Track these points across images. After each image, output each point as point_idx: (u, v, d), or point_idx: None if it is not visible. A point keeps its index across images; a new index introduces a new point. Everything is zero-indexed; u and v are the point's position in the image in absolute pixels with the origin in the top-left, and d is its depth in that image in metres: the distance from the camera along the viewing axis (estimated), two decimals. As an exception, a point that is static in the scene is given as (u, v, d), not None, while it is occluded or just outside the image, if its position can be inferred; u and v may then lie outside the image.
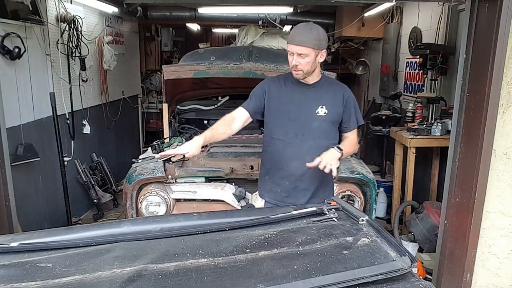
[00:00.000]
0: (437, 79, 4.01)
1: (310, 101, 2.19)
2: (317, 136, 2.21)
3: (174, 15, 6.01)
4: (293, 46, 2.05)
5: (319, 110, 2.18)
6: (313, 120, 2.19)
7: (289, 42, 2.08)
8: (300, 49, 2.03)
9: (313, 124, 2.20)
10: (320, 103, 2.18)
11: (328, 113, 2.19)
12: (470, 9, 2.32)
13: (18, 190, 2.91)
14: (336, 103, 2.21)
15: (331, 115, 2.20)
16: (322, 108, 2.18)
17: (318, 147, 2.18)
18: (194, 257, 1.42)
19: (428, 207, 3.50)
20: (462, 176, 2.45)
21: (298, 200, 2.24)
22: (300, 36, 2.05)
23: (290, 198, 2.26)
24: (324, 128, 2.21)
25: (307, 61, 2.06)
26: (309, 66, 2.09)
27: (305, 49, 2.03)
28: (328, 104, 2.19)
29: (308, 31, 2.06)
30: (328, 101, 2.19)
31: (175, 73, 3.19)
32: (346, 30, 5.56)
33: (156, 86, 7.14)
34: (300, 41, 2.04)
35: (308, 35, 2.05)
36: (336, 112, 2.21)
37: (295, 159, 2.21)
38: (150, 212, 2.77)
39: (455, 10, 3.80)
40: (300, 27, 2.09)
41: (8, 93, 3.10)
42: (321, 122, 2.20)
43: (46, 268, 1.36)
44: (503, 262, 2.52)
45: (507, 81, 2.26)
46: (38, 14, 3.49)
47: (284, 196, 2.28)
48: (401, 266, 1.31)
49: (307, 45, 2.03)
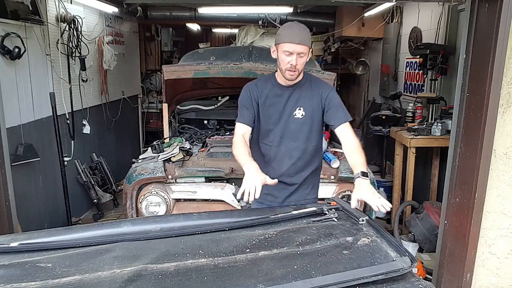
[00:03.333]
0: (437, 79, 4.01)
1: (289, 103, 2.16)
2: (295, 139, 2.19)
3: (174, 15, 6.00)
4: (294, 45, 1.98)
5: (297, 112, 2.15)
6: (291, 123, 2.17)
7: (289, 42, 1.99)
8: (301, 48, 1.99)
9: (291, 126, 2.17)
10: (298, 105, 2.15)
11: (305, 115, 2.15)
12: (470, 9, 2.32)
13: (18, 190, 2.91)
14: (314, 104, 2.16)
15: (307, 117, 2.16)
16: (300, 110, 2.15)
17: (297, 149, 2.20)
18: (194, 257, 1.42)
19: (428, 207, 3.50)
20: (462, 176, 2.45)
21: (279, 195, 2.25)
22: (299, 35, 2.00)
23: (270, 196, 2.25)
24: (302, 131, 2.18)
25: (304, 61, 2.04)
26: (303, 65, 2.08)
27: (305, 48, 2.01)
28: (305, 106, 2.15)
29: (303, 29, 2.05)
30: (306, 103, 2.15)
31: (175, 73, 3.19)
32: (346, 30, 5.56)
33: (156, 86, 7.14)
34: (302, 40, 1.99)
35: (305, 33, 2.04)
36: (313, 114, 2.17)
37: (273, 162, 2.22)
38: (150, 212, 2.77)
39: (455, 10, 3.80)
40: (295, 26, 2.05)
41: (8, 93, 3.10)
42: (298, 125, 2.17)
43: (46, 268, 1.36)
44: (503, 262, 2.52)
45: (507, 81, 2.26)
46: (38, 14, 3.49)
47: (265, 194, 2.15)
48: (401, 266, 1.31)
49: (307, 44, 2.02)
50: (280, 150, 2.20)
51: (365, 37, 5.82)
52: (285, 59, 2.03)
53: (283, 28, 2.10)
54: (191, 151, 3.14)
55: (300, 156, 2.22)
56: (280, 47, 2.03)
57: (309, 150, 2.24)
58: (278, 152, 2.21)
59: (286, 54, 2.02)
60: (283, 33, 2.05)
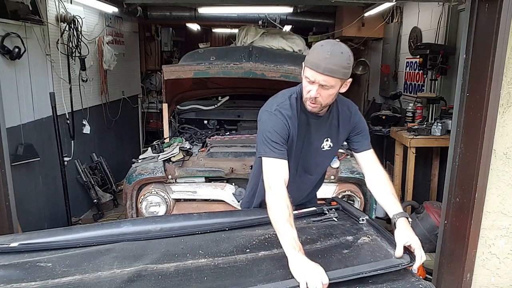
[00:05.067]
0: (437, 79, 4.02)
1: (318, 135, 1.81)
2: (319, 172, 1.95)
3: (174, 15, 6.00)
4: (317, 74, 1.55)
5: (325, 144, 1.83)
6: (318, 156, 1.86)
7: (312, 68, 1.57)
8: (326, 80, 1.56)
9: (318, 159, 1.87)
10: (326, 136, 1.83)
11: (333, 146, 1.86)
12: (470, 9, 2.32)
13: (18, 190, 2.90)
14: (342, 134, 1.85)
15: (335, 148, 1.88)
16: (327, 141, 1.83)
17: (318, 179, 1.99)
18: (194, 257, 1.42)
19: (428, 207, 3.50)
20: (462, 176, 2.45)
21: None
22: (328, 62, 1.54)
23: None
24: (326, 162, 1.96)
25: (330, 94, 1.62)
26: (331, 99, 1.66)
27: (332, 80, 1.57)
28: (333, 136, 1.84)
29: (338, 56, 1.56)
30: (334, 133, 1.84)
31: (175, 73, 3.19)
32: (346, 30, 5.56)
33: (156, 86, 7.14)
34: (328, 70, 1.54)
35: (338, 61, 1.56)
36: (340, 143, 1.90)
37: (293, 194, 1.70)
38: (150, 212, 2.77)
39: (455, 10, 3.80)
40: (328, 49, 1.55)
41: (8, 93, 3.10)
42: (325, 157, 1.90)
43: (46, 268, 1.36)
44: (503, 262, 2.52)
45: (507, 81, 2.26)
46: (38, 14, 3.48)
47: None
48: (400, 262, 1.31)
49: (336, 75, 1.56)
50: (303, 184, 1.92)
51: (365, 37, 5.81)
52: (306, 87, 1.64)
53: (314, 46, 1.64)
54: (191, 151, 3.14)
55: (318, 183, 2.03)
56: (304, 70, 1.63)
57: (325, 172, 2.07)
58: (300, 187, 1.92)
59: (307, 80, 1.61)
60: (312, 53, 1.61)
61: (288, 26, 6.54)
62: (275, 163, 1.60)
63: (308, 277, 1.26)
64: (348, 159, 3.04)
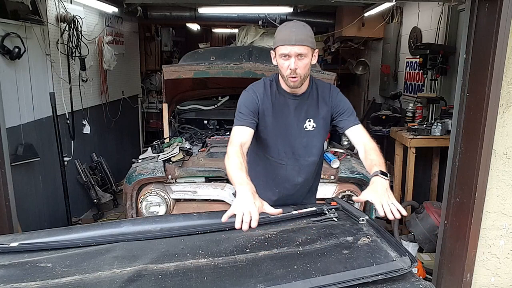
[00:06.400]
0: (437, 79, 4.02)
1: (299, 115, 1.93)
2: (309, 154, 2.00)
3: (174, 15, 6.01)
4: (290, 46, 1.74)
5: (307, 124, 1.94)
6: (303, 137, 1.95)
7: (285, 44, 1.75)
8: (300, 49, 1.74)
9: (303, 141, 1.96)
10: (308, 117, 1.93)
11: (316, 127, 1.95)
12: (470, 9, 2.32)
13: (18, 190, 2.91)
14: (324, 113, 1.95)
15: (319, 128, 1.96)
16: (310, 121, 1.94)
17: (311, 165, 2.04)
18: (194, 257, 1.42)
19: (428, 207, 3.50)
20: (462, 176, 2.45)
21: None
22: (296, 34, 1.74)
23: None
24: (315, 144, 1.99)
25: (306, 63, 1.78)
26: (307, 69, 1.81)
27: (304, 48, 1.75)
28: (315, 116, 1.94)
29: (302, 27, 1.79)
30: (315, 113, 1.94)
31: (175, 73, 3.19)
32: (346, 30, 5.56)
33: (156, 86, 7.14)
34: (299, 40, 1.73)
35: (304, 32, 1.77)
36: (323, 123, 1.98)
37: (287, 182, 2.03)
38: (150, 212, 2.77)
39: (455, 10, 3.80)
40: (292, 25, 1.79)
41: (8, 93, 3.10)
42: (310, 138, 1.97)
43: (46, 268, 1.36)
44: (503, 262, 2.52)
45: (507, 81, 2.26)
46: (38, 14, 3.49)
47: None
48: (401, 266, 1.31)
49: (306, 44, 1.75)
50: (295, 167, 2.00)
51: (365, 37, 5.82)
52: (283, 64, 1.79)
53: (278, 29, 1.85)
54: (191, 151, 3.14)
55: (313, 170, 2.08)
56: (277, 51, 1.81)
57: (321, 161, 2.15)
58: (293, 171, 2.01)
59: (283, 58, 1.78)
60: (278, 34, 1.81)
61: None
62: (238, 129, 1.83)
63: (239, 207, 1.40)
64: (348, 159, 3.04)
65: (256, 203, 1.41)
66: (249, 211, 1.37)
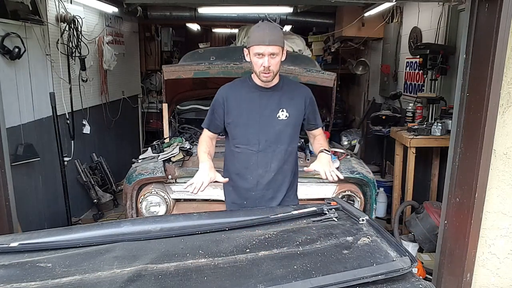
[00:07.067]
0: (437, 79, 4.01)
1: (271, 105, 2.12)
2: (281, 141, 2.16)
3: (174, 15, 6.00)
4: (265, 47, 1.95)
5: (280, 114, 2.12)
6: (275, 125, 2.13)
7: (259, 44, 1.96)
8: (273, 49, 1.96)
9: (275, 128, 2.13)
10: (281, 107, 2.12)
11: (290, 116, 2.13)
12: (470, 9, 2.32)
13: (18, 190, 2.90)
14: (297, 106, 2.16)
15: (292, 118, 2.14)
16: (283, 111, 2.12)
17: (283, 152, 2.17)
18: (194, 257, 1.42)
19: (428, 207, 3.50)
20: (462, 176, 2.45)
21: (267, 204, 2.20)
22: (270, 35, 1.96)
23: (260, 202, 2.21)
24: (287, 132, 2.16)
25: (277, 61, 2.01)
26: (278, 66, 2.03)
27: (277, 48, 1.97)
28: (289, 107, 2.13)
29: (273, 29, 2.01)
30: (289, 104, 2.14)
31: (175, 73, 3.19)
32: (346, 30, 5.56)
33: (156, 86, 7.14)
34: (272, 41, 1.95)
35: (276, 33, 2.00)
36: (297, 115, 2.17)
37: (260, 168, 2.17)
38: (150, 212, 2.77)
39: (455, 10, 3.80)
40: (265, 27, 2.00)
41: (8, 93, 3.10)
42: (283, 126, 2.14)
43: (46, 268, 1.36)
44: (503, 262, 2.52)
45: (507, 81, 2.26)
46: (38, 14, 3.49)
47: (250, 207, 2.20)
48: (401, 266, 1.31)
49: (278, 44, 1.98)
50: (267, 154, 2.16)
51: (365, 37, 5.81)
52: (257, 62, 2.00)
53: (252, 29, 2.05)
54: (191, 151, 3.14)
55: (286, 159, 2.20)
56: (251, 50, 2.01)
57: (294, 152, 2.26)
58: (265, 157, 2.16)
59: (257, 56, 1.99)
60: (253, 35, 2.01)
61: (288, 26, 6.55)
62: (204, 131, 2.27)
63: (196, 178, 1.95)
64: (348, 159, 3.04)
65: (210, 175, 1.96)
66: (202, 181, 1.93)
